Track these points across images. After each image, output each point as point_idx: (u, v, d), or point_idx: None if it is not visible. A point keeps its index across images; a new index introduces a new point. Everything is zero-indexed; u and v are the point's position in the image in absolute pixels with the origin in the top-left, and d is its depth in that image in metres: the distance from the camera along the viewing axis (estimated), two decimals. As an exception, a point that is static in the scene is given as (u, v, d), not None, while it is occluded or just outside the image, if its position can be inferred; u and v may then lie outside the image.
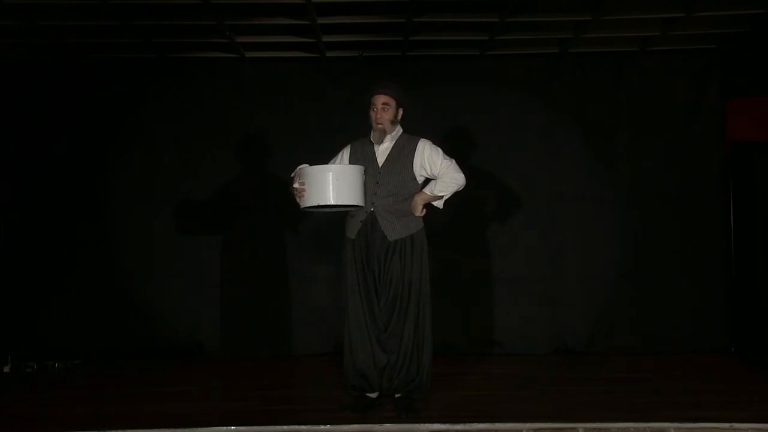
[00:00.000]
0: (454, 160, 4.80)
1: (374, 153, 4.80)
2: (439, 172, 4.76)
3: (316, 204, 4.55)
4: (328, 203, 4.54)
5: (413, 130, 5.60)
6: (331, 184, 4.50)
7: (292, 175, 4.68)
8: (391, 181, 4.75)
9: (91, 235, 6.82)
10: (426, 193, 4.78)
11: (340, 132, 5.57)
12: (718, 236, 6.84)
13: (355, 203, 4.58)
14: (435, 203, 4.84)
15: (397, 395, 4.82)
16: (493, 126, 6.84)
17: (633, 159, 6.87)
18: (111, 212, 6.86)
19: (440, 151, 4.81)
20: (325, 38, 6.42)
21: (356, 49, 6.72)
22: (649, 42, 6.62)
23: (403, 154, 4.79)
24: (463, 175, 4.79)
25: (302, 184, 4.55)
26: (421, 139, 4.83)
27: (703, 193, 6.84)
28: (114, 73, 6.90)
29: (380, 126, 4.75)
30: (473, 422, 4.43)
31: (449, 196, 4.83)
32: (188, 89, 6.90)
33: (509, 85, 6.88)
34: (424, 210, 4.79)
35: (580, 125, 6.89)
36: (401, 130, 4.85)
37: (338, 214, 4.84)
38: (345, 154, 4.87)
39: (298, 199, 4.62)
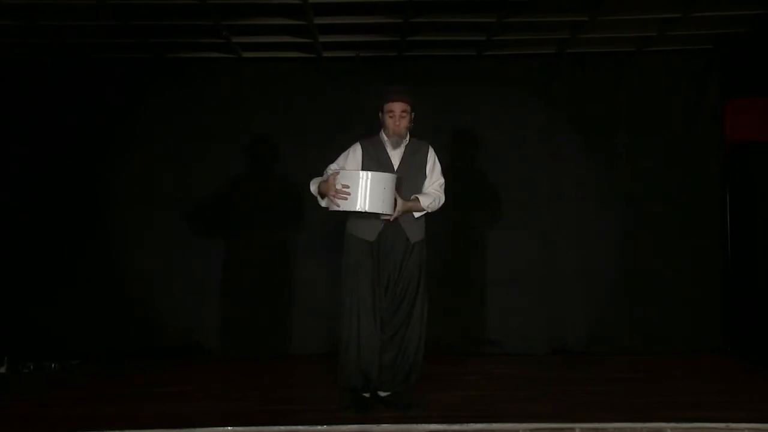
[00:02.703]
0: (444, 180, 4.92)
1: (388, 156, 4.86)
2: (431, 186, 4.86)
3: (359, 209, 4.55)
4: (375, 211, 4.55)
5: (409, 130, 5.61)
6: (376, 191, 4.51)
7: (327, 174, 4.66)
8: (409, 185, 4.82)
9: (91, 235, 6.81)
10: (410, 203, 4.77)
11: (337, 132, 5.59)
12: (717, 236, 6.83)
13: (391, 213, 4.63)
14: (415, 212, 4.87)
15: (386, 393, 4.87)
16: (492, 126, 6.84)
17: (632, 159, 6.86)
18: (110, 212, 6.86)
19: (439, 165, 4.93)
20: (322, 38, 6.42)
21: (353, 50, 6.71)
22: (648, 42, 6.61)
23: (416, 158, 4.88)
24: (444, 198, 4.91)
25: (345, 186, 4.54)
26: (430, 146, 4.94)
27: (703, 193, 6.84)
28: (112, 74, 6.88)
29: (398, 133, 4.80)
30: (471, 422, 4.44)
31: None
32: (186, 89, 6.89)
33: (507, 85, 6.87)
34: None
35: (579, 125, 6.88)
36: (409, 134, 4.90)
37: (343, 215, 4.84)
38: (357, 154, 4.86)
39: (334, 200, 4.58)
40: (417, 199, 4.78)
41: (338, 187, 4.56)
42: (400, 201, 4.69)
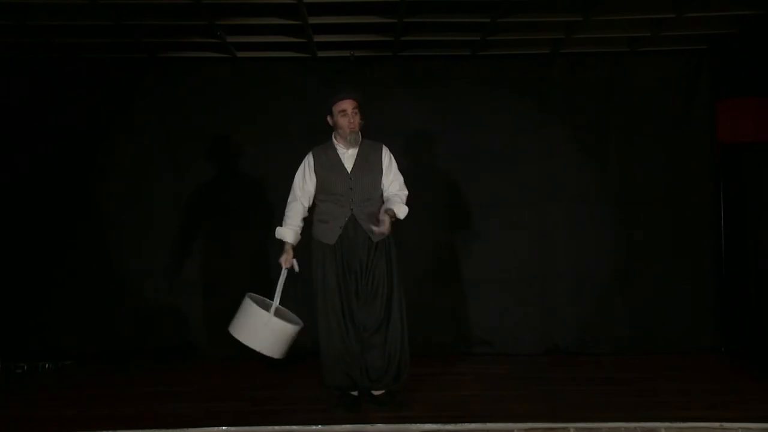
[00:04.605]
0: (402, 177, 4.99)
1: (340, 159, 4.93)
2: (389, 184, 4.91)
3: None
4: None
5: (404, 130, 5.60)
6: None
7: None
8: (364, 185, 4.90)
9: (83, 234, 6.79)
10: (390, 215, 4.80)
11: (330, 131, 5.55)
12: (709, 236, 6.84)
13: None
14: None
15: (378, 393, 4.89)
16: (485, 126, 6.84)
17: (623, 159, 6.87)
18: (103, 212, 6.83)
19: (395, 162, 4.99)
20: (317, 38, 6.42)
21: (348, 49, 6.71)
22: (640, 43, 6.63)
23: (370, 158, 4.95)
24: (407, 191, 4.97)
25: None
26: (383, 145, 5.01)
27: (694, 194, 6.85)
28: (105, 73, 6.84)
29: (354, 130, 4.90)
30: (465, 422, 4.45)
31: None
32: (180, 89, 6.86)
33: (501, 85, 6.87)
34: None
35: (571, 126, 6.89)
36: (361, 135, 4.99)
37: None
38: (308, 164, 4.98)
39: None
40: (392, 210, 4.80)
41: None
42: (386, 220, 4.73)
